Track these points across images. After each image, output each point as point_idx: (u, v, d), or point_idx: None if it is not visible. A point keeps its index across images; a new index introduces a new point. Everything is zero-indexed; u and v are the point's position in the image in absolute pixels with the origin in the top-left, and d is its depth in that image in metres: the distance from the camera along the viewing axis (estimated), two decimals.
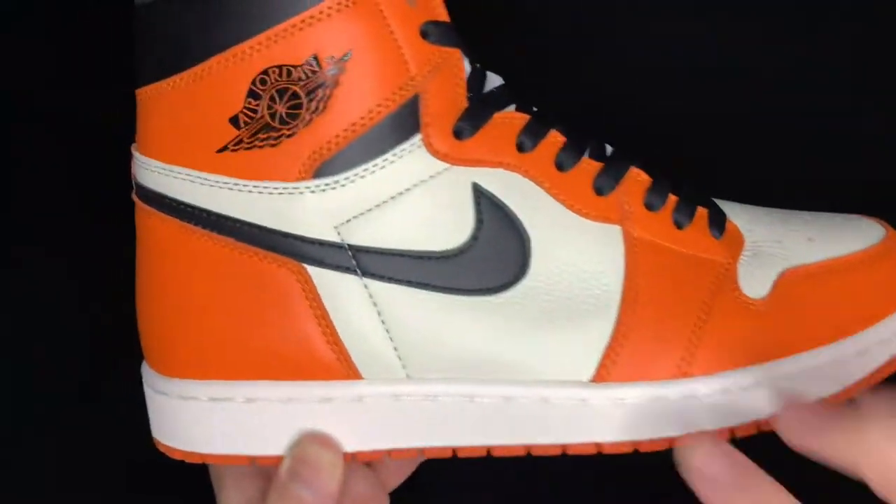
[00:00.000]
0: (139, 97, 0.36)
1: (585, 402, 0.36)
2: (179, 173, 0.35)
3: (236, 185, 0.35)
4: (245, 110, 0.34)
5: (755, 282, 0.37)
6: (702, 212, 0.38)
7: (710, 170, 0.46)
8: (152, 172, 0.36)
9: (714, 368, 0.36)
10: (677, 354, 0.36)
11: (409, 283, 0.35)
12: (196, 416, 0.36)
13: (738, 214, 0.39)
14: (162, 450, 0.37)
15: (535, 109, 0.37)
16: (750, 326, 0.36)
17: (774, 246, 0.38)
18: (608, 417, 0.36)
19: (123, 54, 0.37)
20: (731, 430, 0.36)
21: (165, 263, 0.36)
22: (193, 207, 0.35)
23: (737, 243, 0.38)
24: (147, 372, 0.37)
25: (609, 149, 0.38)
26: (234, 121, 0.34)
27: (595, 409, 0.36)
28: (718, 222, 0.38)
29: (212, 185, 0.35)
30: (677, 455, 0.34)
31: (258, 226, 0.35)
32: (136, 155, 0.36)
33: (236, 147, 0.35)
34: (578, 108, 0.40)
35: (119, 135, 0.38)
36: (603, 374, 0.36)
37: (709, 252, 0.37)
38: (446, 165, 0.35)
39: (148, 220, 0.36)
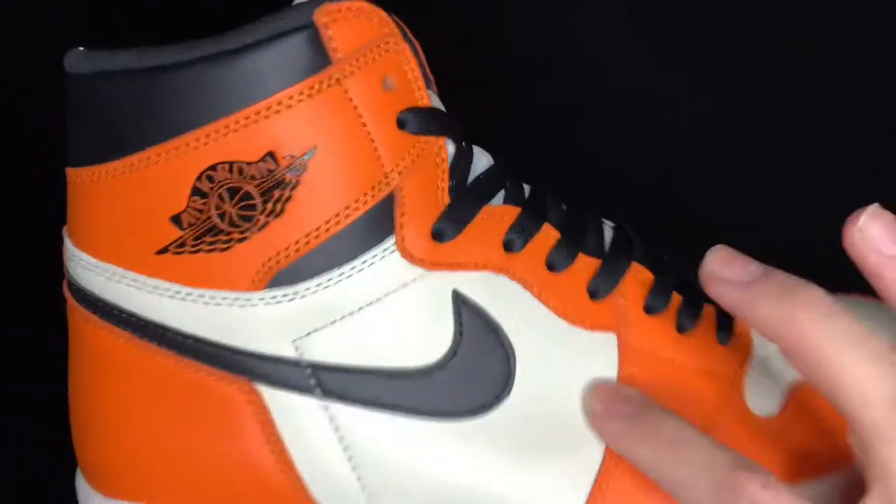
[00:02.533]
0: (70, 177, 0.30)
1: None
2: (114, 274, 0.30)
3: (178, 292, 0.29)
4: (189, 209, 0.29)
5: (765, 395, 0.33)
6: (709, 311, 0.33)
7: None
8: (85, 269, 0.30)
9: None
10: None
11: (377, 406, 0.30)
12: None
13: None
14: None
15: (526, 196, 0.32)
16: (757, 449, 0.32)
17: None
18: None
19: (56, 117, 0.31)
20: None
21: (98, 372, 0.31)
22: (129, 314, 0.30)
23: (745, 348, 0.33)
24: (81, 483, 0.32)
25: (608, 237, 0.33)
26: (177, 220, 0.29)
27: None
28: (726, 323, 0.33)
29: (150, 291, 0.29)
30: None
31: (203, 339, 0.30)
32: (68, 244, 0.31)
33: (179, 250, 0.29)
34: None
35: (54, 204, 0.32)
36: None
37: (713, 363, 0.32)
38: (423, 271, 0.30)
39: (80, 322, 0.31)
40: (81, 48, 0.29)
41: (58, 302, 0.32)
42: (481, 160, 0.32)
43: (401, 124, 0.29)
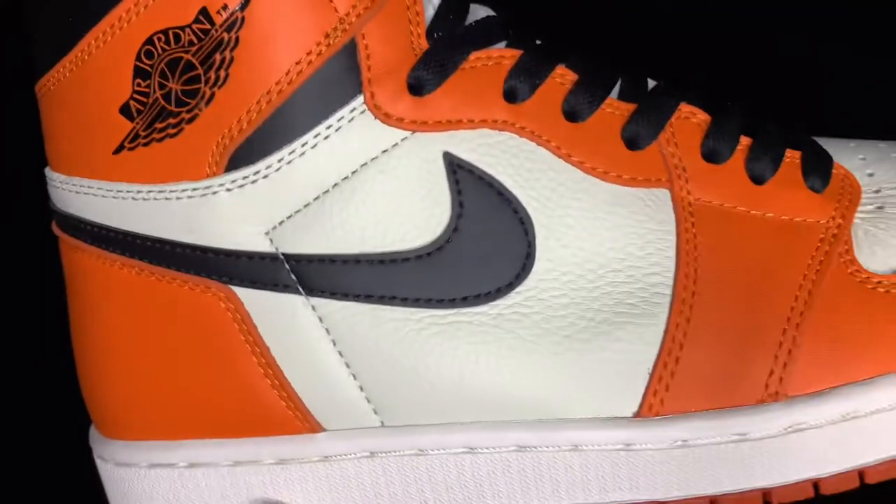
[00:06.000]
0: (38, 96, 0.27)
1: (630, 446, 0.23)
2: (80, 186, 0.26)
3: (139, 192, 0.25)
4: (135, 95, 0.24)
5: (882, 249, 0.23)
6: (792, 156, 0.25)
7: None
8: (57, 189, 0.26)
9: (822, 383, 0.23)
10: (763, 369, 0.23)
11: (370, 298, 0.24)
12: (136, 485, 0.26)
13: (850, 154, 0.25)
14: None
15: (538, 43, 0.25)
16: (877, 316, 0.23)
17: None
18: (666, 466, 0.23)
19: None
20: (860, 474, 0.23)
21: (82, 301, 0.26)
22: (100, 227, 0.26)
23: (850, 195, 0.24)
24: (92, 433, 0.28)
25: (652, 84, 0.26)
26: (126, 110, 0.24)
27: (645, 456, 0.23)
28: (819, 168, 0.24)
29: (114, 196, 0.25)
30: None
31: (171, 242, 0.25)
32: (46, 172, 0.27)
33: (133, 144, 0.25)
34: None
35: None
36: (653, 405, 0.23)
37: (805, 212, 0.24)
38: (405, 133, 0.24)
39: (63, 249, 0.27)
40: None
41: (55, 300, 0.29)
42: (479, 15, 0.26)
43: None
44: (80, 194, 0.26)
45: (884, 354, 0.23)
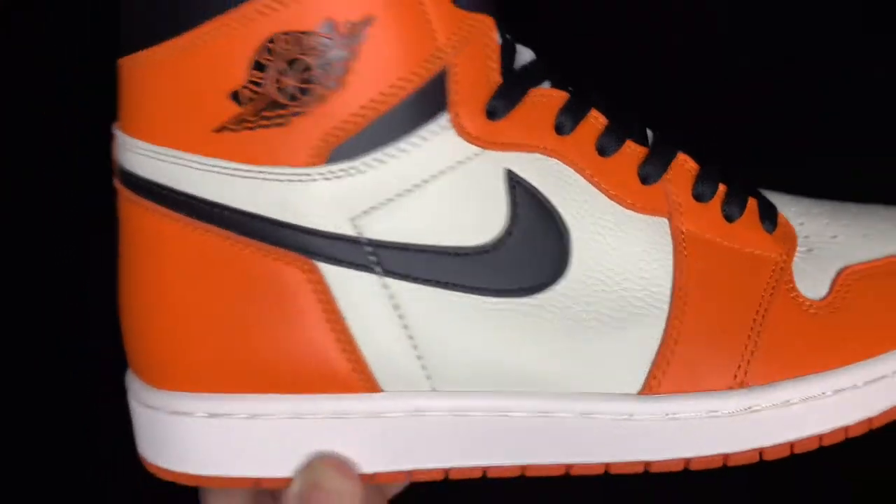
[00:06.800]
0: (122, 67, 0.29)
1: (632, 417, 0.29)
2: (170, 156, 0.28)
3: (237, 170, 0.28)
4: (249, 84, 0.27)
5: (812, 281, 0.31)
6: (752, 203, 0.32)
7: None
8: (137, 155, 0.29)
9: (773, 377, 0.30)
10: (734, 362, 0.30)
11: (436, 283, 0.28)
12: (191, 433, 0.29)
13: (786, 206, 0.33)
14: (150, 469, 0.30)
15: (570, 88, 0.31)
16: (809, 331, 0.30)
17: (829, 242, 0.32)
18: (657, 433, 0.29)
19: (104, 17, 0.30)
20: (791, 446, 0.30)
21: (154, 259, 0.29)
22: (186, 196, 0.28)
23: (790, 238, 0.32)
24: (133, 382, 0.30)
25: (650, 134, 0.32)
26: (236, 96, 0.27)
27: (643, 424, 0.29)
28: (770, 215, 0.32)
29: (208, 170, 0.28)
30: None
31: (262, 217, 0.28)
32: (120, 135, 0.29)
33: (237, 126, 0.28)
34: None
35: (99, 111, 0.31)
36: (652, 386, 0.29)
37: (762, 248, 0.31)
38: (477, 150, 0.28)
39: (133, 210, 0.29)
40: None
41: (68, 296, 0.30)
42: (525, 56, 0.31)
43: None
44: (167, 164, 0.28)
45: (815, 359, 0.30)
